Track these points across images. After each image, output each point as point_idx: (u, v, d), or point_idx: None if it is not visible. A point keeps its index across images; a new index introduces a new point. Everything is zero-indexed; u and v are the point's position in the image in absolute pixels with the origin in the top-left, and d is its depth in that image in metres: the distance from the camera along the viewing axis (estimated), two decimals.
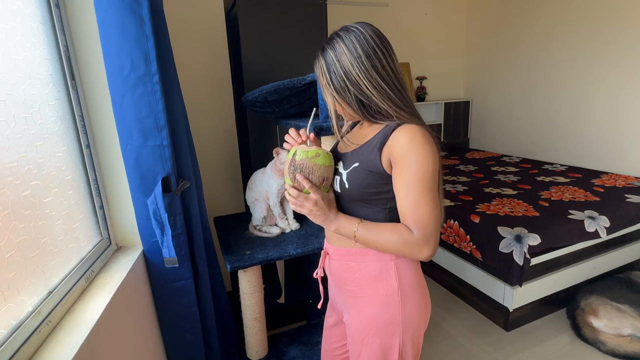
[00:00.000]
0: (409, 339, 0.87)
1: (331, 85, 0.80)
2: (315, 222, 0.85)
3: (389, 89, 0.78)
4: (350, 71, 0.76)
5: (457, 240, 2.00)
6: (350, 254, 0.89)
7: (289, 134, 0.89)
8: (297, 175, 0.80)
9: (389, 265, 0.85)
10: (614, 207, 1.97)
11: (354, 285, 0.89)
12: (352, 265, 0.89)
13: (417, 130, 0.77)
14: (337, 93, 0.80)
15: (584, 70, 2.81)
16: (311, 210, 0.82)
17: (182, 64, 1.60)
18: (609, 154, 2.72)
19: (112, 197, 1.11)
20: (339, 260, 0.92)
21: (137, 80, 0.97)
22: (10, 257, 0.67)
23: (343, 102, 0.81)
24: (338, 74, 0.78)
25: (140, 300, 1.09)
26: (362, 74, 0.76)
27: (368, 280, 0.87)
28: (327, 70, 0.79)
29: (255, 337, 1.37)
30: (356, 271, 0.88)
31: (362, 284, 0.88)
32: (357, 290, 0.89)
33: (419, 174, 0.75)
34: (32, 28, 0.84)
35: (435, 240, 0.78)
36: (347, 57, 0.76)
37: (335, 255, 0.93)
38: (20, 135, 0.74)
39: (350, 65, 0.76)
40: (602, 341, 1.66)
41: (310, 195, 0.81)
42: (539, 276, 1.81)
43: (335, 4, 3.10)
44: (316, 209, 0.82)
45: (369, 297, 0.87)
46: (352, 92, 0.78)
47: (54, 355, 0.68)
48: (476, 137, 3.94)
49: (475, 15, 3.69)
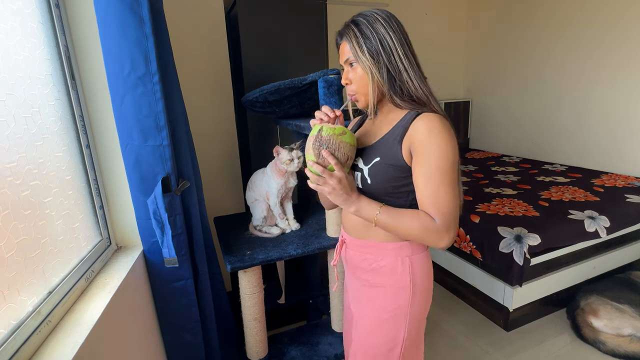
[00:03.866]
0: (414, 329, 0.89)
1: (365, 53, 0.80)
2: (335, 202, 0.82)
3: (417, 67, 0.81)
4: (385, 38, 0.78)
5: (457, 240, 2.00)
6: (366, 246, 0.90)
7: (320, 111, 0.86)
8: (323, 151, 0.78)
9: (404, 260, 0.86)
10: (614, 207, 1.97)
11: (368, 275, 0.91)
12: (367, 257, 0.90)
13: (436, 119, 0.77)
14: (371, 61, 0.80)
15: (584, 70, 2.81)
16: (334, 189, 0.79)
17: (182, 64, 1.60)
18: (609, 154, 2.72)
19: (112, 197, 1.11)
20: (355, 250, 0.93)
21: (137, 80, 0.96)
22: (10, 257, 0.67)
23: (376, 72, 0.80)
24: (374, 40, 0.79)
25: (140, 300, 1.09)
26: (396, 43, 0.78)
27: (383, 272, 0.88)
28: (362, 36, 0.80)
29: (255, 337, 1.37)
30: (372, 262, 0.89)
31: (377, 275, 0.89)
32: (371, 279, 0.91)
33: (439, 162, 0.75)
34: (32, 28, 0.84)
35: (455, 229, 0.78)
36: (381, 25, 0.79)
37: (352, 245, 0.94)
38: (20, 135, 0.74)
39: (384, 32, 0.78)
40: (602, 341, 1.66)
41: (335, 173, 0.78)
42: (539, 276, 1.81)
43: (335, 4, 3.09)
44: (340, 187, 0.79)
45: (382, 288, 0.89)
46: (384, 63, 0.79)
47: (54, 355, 0.68)
48: (476, 137, 3.94)
49: (475, 15, 3.69)
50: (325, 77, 1.21)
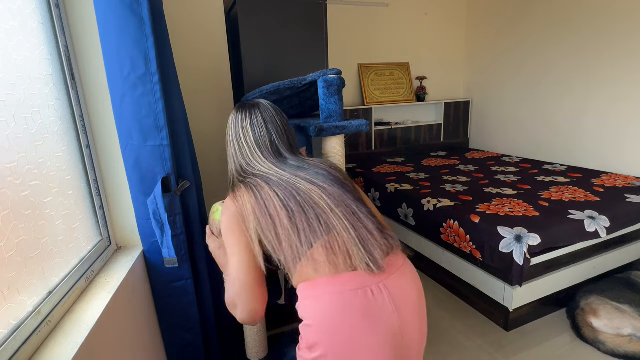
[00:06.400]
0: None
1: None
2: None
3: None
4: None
5: (457, 240, 2.00)
6: None
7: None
8: (207, 226, 1.08)
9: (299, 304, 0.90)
10: (614, 207, 1.96)
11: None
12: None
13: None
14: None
15: (584, 69, 2.81)
16: (212, 250, 1.04)
17: (182, 64, 1.60)
18: (609, 154, 2.71)
19: (112, 197, 1.11)
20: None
21: (137, 80, 0.97)
22: (10, 257, 0.67)
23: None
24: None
25: (140, 300, 1.09)
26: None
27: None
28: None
29: (255, 337, 1.37)
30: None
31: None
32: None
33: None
34: (32, 28, 0.84)
35: (246, 303, 0.83)
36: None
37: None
38: (20, 135, 0.74)
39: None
40: (602, 341, 1.65)
41: (209, 242, 1.05)
42: (539, 276, 1.81)
43: (335, 4, 3.10)
44: (217, 252, 1.02)
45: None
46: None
47: (54, 355, 0.68)
48: (476, 137, 3.94)
49: (475, 15, 3.69)
50: (325, 77, 1.22)
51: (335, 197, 0.83)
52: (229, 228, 0.85)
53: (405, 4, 3.45)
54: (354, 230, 0.79)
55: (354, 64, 3.38)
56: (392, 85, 3.49)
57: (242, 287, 0.81)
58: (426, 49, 3.68)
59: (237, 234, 0.83)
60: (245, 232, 0.83)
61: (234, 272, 0.82)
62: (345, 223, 0.79)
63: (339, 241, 0.77)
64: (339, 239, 0.78)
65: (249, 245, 0.82)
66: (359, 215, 0.82)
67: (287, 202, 0.81)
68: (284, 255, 0.80)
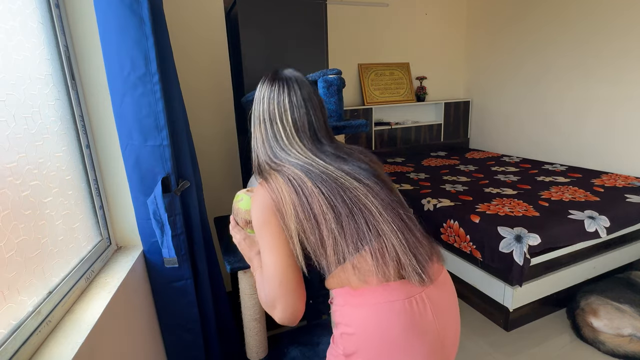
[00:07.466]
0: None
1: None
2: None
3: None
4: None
5: (457, 240, 2.00)
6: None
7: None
8: (231, 216, 0.94)
9: (335, 310, 0.82)
10: (614, 207, 1.96)
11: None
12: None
13: (257, 187, 0.83)
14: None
15: (584, 69, 2.81)
16: (239, 243, 0.91)
17: (182, 64, 1.60)
18: (609, 154, 2.71)
19: (112, 197, 1.11)
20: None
21: (137, 80, 0.97)
22: (10, 257, 0.67)
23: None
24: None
25: (140, 300, 1.09)
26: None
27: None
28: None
29: (255, 337, 1.37)
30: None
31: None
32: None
33: (256, 230, 0.79)
34: (32, 28, 0.84)
35: (285, 301, 0.74)
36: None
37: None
38: (20, 135, 0.74)
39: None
40: (602, 341, 1.65)
41: (235, 234, 0.92)
42: (539, 276, 1.81)
43: (335, 4, 3.10)
44: (243, 244, 0.90)
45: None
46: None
47: (54, 355, 0.68)
48: (476, 137, 3.94)
49: (475, 15, 3.69)
50: (325, 77, 1.22)
51: (381, 198, 0.76)
52: (264, 222, 0.76)
53: (405, 4, 3.45)
54: (403, 238, 0.73)
55: (354, 63, 3.38)
56: (392, 85, 3.49)
57: (282, 286, 0.74)
58: (426, 49, 3.68)
59: (274, 229, 0.75)
60: (282, 227, 0.75)
61: (271, 270, 0.74)
62: (395, 229, 0.73)
63: (389, 249, 0.71)
64: (388, 246, 0.72)
65: (287, 242, 0.75)
66: (405, 221, 0.76)
67: (334, 201, 0.73)
68: (326, 259, 0.74)
